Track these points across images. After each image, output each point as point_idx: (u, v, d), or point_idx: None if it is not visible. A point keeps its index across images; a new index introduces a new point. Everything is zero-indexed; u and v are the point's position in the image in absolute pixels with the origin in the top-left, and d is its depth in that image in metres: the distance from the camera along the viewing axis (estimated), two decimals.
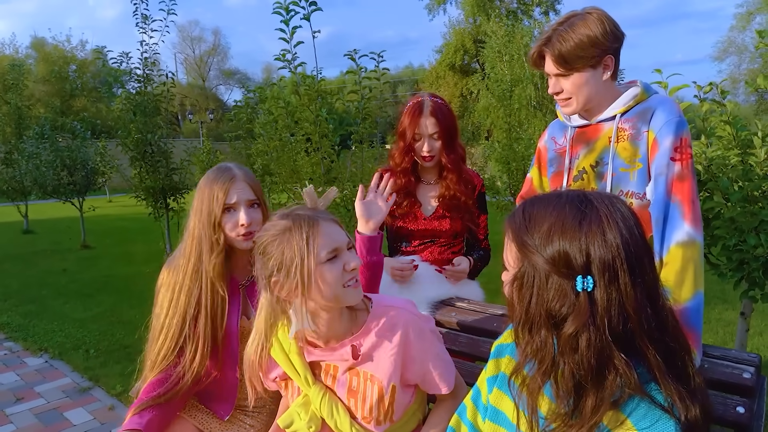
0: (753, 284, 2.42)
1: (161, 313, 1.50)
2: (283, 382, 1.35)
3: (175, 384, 1.46)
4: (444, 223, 1.98)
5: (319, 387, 1.27)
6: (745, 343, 2.87)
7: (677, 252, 1.34)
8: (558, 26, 1.46)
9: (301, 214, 1.18)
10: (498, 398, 1.08)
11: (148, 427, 1.38)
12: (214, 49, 43.25)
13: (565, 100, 1.52)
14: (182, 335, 1.47)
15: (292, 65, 4.17)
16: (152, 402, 1.42)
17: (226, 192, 1.48)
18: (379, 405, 1.23)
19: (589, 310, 0.84)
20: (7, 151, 9.92)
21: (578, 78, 1.46)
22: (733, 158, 2.49)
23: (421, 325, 1.28)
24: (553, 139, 1.71)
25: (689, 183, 1.38)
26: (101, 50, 6.64)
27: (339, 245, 1.18)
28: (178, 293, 1.48)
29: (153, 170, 6.50)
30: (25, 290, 5.95)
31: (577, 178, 1.59)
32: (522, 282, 0.91)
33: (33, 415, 3.06)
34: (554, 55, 1.45)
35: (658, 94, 1.53)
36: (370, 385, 1.24)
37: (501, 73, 8.58)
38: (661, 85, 2.58)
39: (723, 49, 28.69)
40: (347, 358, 1.23)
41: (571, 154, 1.61)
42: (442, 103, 1.95)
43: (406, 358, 1.24)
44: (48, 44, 31.90)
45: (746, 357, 1.25)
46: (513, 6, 28.79)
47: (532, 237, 0.90)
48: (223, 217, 1.48)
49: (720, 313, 4.54)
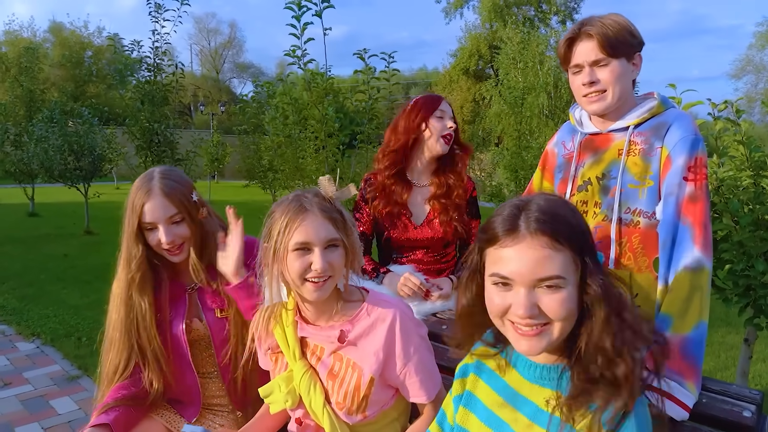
0: (759, 311, 2.34)
1: (108, 327, 1.50)
2: (274, 355, 1.38)
3: (143, 390, 1.45)
4: (435, 230, 1.93)
5: (304, 363, 1.31)
6: (747, 371, 2.79)
7: (684, 278, 1.27)
8: (593, 20, 1.41)
9: (302, 198, 1.23)
10: (464, 417, 1.07)
11: (115, 423, 1.36)
12: (230, 41, 43.42)
13: (598, 93, 1.43)
14: (131, 347, 1.45)
15: (301, 62, 4.12)
16: (118, 403, 1.41)
17: (142, 209, 1.42)
18: (354, 393, 1.25)
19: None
20: (17, 133, 9.96)
21: (617, 67, 1.39)
22: (745, 180, 2.41)
23: (410, 327, 1.28)
24: (562, 144, 1.64)
25: (702, 205, 1.31)
26: (114, 37, 6.64)
27: (312, 241, 1.20)
28: (119, 306, 1.47)
29: (158, 160, 6.49)
30: (25, 273, 5.94)
31: (581, 188, 1.52)
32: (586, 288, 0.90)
33: (19, 401, 3.03)
34: (599, 37, 1.38)
35: (675, 109, 1.46)
36: (350, 372, 1.27)
37: (514, 80, 8.51)
38: (674, 100, 2.51)
39: (740, 67, 28.45)
40: (334, 341, 1.28)
41: (577, 161, 1.55)
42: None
43: (389, 354, 1.25)
44: (66, 29, 32.13)
45: (747, 393, 1.19)
46: (530, 14, 28.66)
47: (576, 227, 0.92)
48: (147, 234, 1.45)
49: (723, 337, 4.44)
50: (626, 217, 1.43)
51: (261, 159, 6.96)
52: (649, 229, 1.41)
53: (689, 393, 1.18)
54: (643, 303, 1.42)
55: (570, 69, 1.46)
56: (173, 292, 1.53)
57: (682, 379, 1.19)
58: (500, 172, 9.38)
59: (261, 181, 8.15)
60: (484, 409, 1.05)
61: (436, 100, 1.93)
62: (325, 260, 1.19)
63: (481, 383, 1.08)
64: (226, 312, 1.51)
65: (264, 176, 7.08)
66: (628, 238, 1.42)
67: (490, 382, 1.06)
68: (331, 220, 1.21)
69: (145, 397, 1.47)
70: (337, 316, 1.29)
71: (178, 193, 1.44)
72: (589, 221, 1.46)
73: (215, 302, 1.52)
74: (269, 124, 5.40)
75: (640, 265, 1.43)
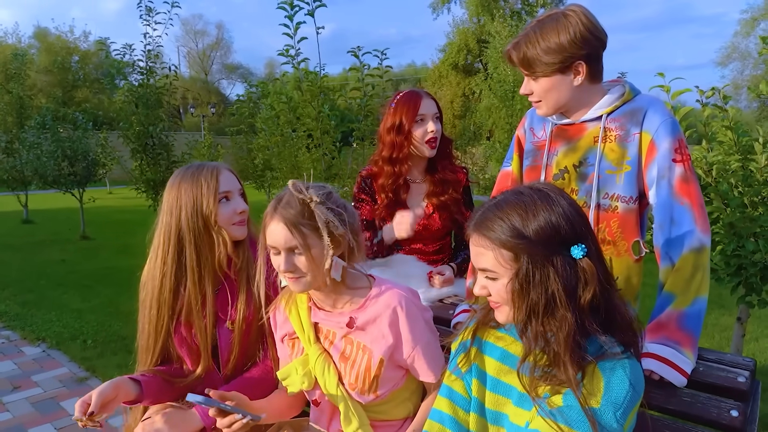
0: (750, 290, 2.43)
1: (143, 320, 1.49)
2: (291, 341, 1.44)
3: (180, 373, 1.48)
4: (433, 222, 1.98)
5: (318, 347, 1.37)
6: (740, 349, 2.88)
7: (689, 258, 1.32)
8: (530, 29, 1.43)
9: (275, 201, 1.31)
10: (480, 390, 1.15)
11: (147, 384, 1.40)
12: (218, 43, 43.22)
13: (535, 103, 1.50)
14: (169, 338, 1.47)
15: (295, 61, 4.16)
16: (156, 371, 1.45)
17: (218, 179, 1.45)
18: (365, 374, 1.31)
19: (594, 270, 0.95)
20: (8, 140, 9.91)
21: (545, 82, 1.43)
22: (734, 164, 2.50)
23: (416, 312, 1.34)
24: (531, 130, 1.66)
25: (694, 185, 1.37)
26: (104, 42, 6.65)
27: (274, 245, 1.28)
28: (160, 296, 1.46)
29: (154, 162, 6.51)
30: (24, 280, 5.95)
31: (557, 177, 1.55)
32: (527, 278, 0.97)
33: (30, 404, 3.07)
34: (519, 57, 1.43)
35: (645, 94, 1.49)
36: (361, 354, 1.33)
37: (504, 74, 8.58)
38: (663, 89, 2.58)
39: (726, 54, 28.66)
40: (343, 327, 1.34)
41: (550, 150, 1.57)
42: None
43: (397, 336, 1.31)
44: (51, 34, 31.80)
45: (741, 361, 1.26)
46: (517, 7, 28.72)
47: (522, 230, 0.97)
48: (219, 208, 1.44)
49: (716, 318, 4.55)
50: (604, 203, 1.47)
51: (254, 159, 6.99)
52: (627, 213, 1.45)
53: (687, 359, 1.25)
54: (624, 285, 1.47)
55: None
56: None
57: (680, 347, 1.26)
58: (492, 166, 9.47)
59: (255, 180, 8.18)
60: (490, 378, 1.13)
61: (415, 103, 1.90)
62: (289, 263, 1.25)
63: (483, 356, 1.16)
64: (234, 326, 1.50)
65: (261, 176, 7.10)
66: (606, 223, 1.47)
67: (492, 353, 1.14)
68: (294, 227, 1.24)
69: (178, 376, 1.48)
70: (346, 303, 1.36)
71: (234, 171, 1.55)
72: None
73: (226, 313, 1.51)
74: (264, 123, 5.44)
75: (620, 249, 1.47)
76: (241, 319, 1.49)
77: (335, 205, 1.30)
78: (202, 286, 1.46)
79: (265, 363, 1.54)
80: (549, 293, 0.95)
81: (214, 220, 1.44)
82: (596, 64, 1.44)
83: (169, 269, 1.45)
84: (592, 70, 1.42)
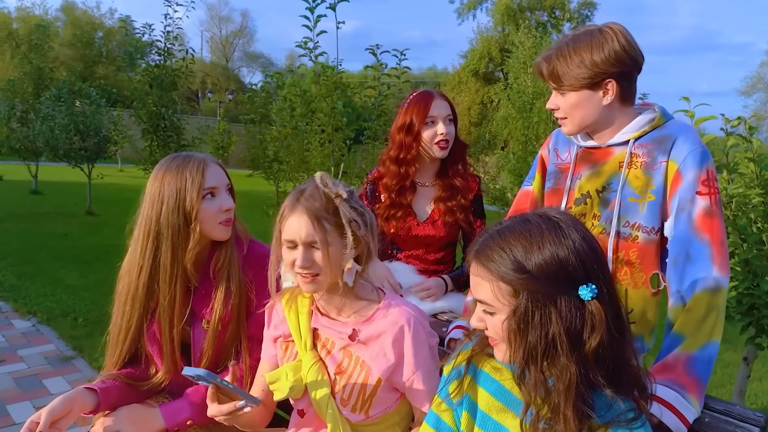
0: (761, 331, 2.32)
1: (117, 313, 1.43)
2: (285, 344, 1.36)
3: (144, 374, 1.40)
4: (438, 229, 1.92)
5: (314, 355, 1.29)
6: (744, 390, 2.78)
7: (702, 298, 1.24)
8: (564, 42, 1.38)
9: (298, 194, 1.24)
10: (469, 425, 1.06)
11: (104, 393, 1.33)
12: (241, 30, 43.36)
13: (561, 120, 1.43)
14: (140, 335, 1.40)
15: (312, 54, 4.10)
16: (116, 376, 1.39)
17: (203, 173, 1.35)
18: (360, 392, 1.24)
19: (603, 315, 0.85)
20: (24, 110, 9.95)
21: (573, 97, 1.37)
22: (755, 198, 2.40)
23: (423, 334, 1.27)
24: (555, 152, 1.60)
25: (718, 221, 1.28)
26: (126, 20, 6.63)
27: (294, 239, 1.21)
28: (135, 291, 1.39)
29: (164, 144, 6.49)
30: (24, 251, 5.94)
31: (579, 201, 1.48)
32: (525, 317, 0.87)
33: (12, 378, 3.02)
34: (549, 69, 1.38)
35: (677, 120, 1.42)
36: (359, 369, 1.25)
37: (524, 85, 8.46)
38: (687, 114, 2.48)
39: (751, 84, 28.35)
40: (345, 338, 1.26)
41: (574, 173, 1.51)
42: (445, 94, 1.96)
43: (399, 356, 1.24)
44: (78, 9, 32.12)
45: (751, 415, 1.17)
46: (543, 19, 28.59)
47: (524, 264, 0.87)
48: (203, 205, 1.35)
49: (720, 354, 4.40)
50: (624, 231, 1.40)
51: (266, 149, 6.95)
52: (648, 244, 1.38)
53: (691, 407, 1.16)
54: (639, 319, 1.40)
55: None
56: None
57: (686, 392, 1.17)
58: (504, 176, 9.36)
59: (265, 171, 8.14)
60: (481, 414, 1.04)
61: (425, 104, 1.86)
62: (307, 258, 1.17)
63: (477, 388, 1.06)
64: (209, 326, 1.42)
65: (269, 167, 7.06)
66: (625, 252, 1.40)
67: (487, 385, 1.05)
68: (317, 220, 1.17)
69: (142, 380, 1.44)
70: (352, 313, 1.28)
71: (223, 167, 1.46)
72: None
73: (203, 312, 1.44)
74: (277, 114, 5.38)
75: (636, 280, 1.40)
76: (217, 319, 1.41)
77: (358, 205, 1.23)
78: (173, 285, 1.38)
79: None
80: (549, 336, 0.85)
81: (195, 217, 1.35)
82: (628, 85, 1.37)
83: (145, 264, 1.37)
84: (623, 91, 1.36)
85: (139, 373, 1.45)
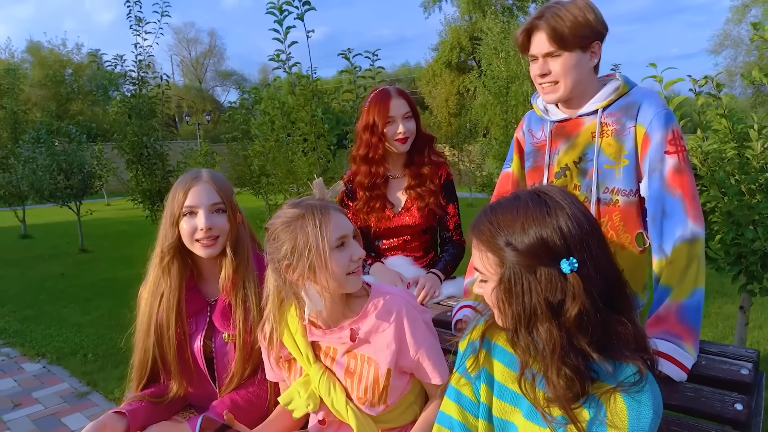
0: (751, 278, 2.41)
1: (136, 330, 1.50)
2: (286, 363, 1.40)
3: (164, 390, 1.45)
4: (414, 216, 1.99)
5: (319, 366, 1.33)
6: (744, 337, 2.86)
7: (681, 250, 1.31)
8: (552, 7, 1.41)
9: (312, 203, 1.26)
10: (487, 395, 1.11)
11: (132, 414, 1.38)
12: (210, 50, 43.15)
13: (551, 85, 1.46)
14: (153, 346, 1.45)
15: (286, 65, 4.15)
16: (139, 398, 1.44)
17: (186, 193, 1.42)
18: (374, 387, 1.28)
19: (582, 286, 0.90)
20: (4, 155, 9.87)
21: (568, 59, 1.41)
22: (730, 151, 2.48)
23: (416, 314, 1.33)
24: (530, 132, 1.66)
25: (687, 177, 1.35)
26: (96, 54, 6.63)
27: (347, 233, 1.26)
28: (146, 302, 1.47)
29: (149, 173, 6.48)
30: (23, 295, 5.93)
31: (559, 174, 1.55)
32: (509, 286, 0.94)
33: (30, 421, 3.04)
34: (548, 30, 1.39)
35: (640, 87, 1.49)
36: (366, 367, 1.29)
37: (497, 70, 8.55)
38: (656, 79, 2.56)
39: (719, 42, 28.62)
40: (345, 341, 1.30)
41: (551, 149, 1.57)
42: (403, 89, 2.02)
43: (401, 342, 1.29)
44: (44, 48, 31.75)
45: (744, 353, 1.24)
46: (508, 2, 28.73)
47: (508, 238, 0.94)
48: (182, 220, 1.42)
49: (719, 307, 4.53)
50: (605, 197, 1.47)
51: (251, 165, 6.96)
52: (628, 206, 1.45)
53: (687, 354, 1.23)
54: (630, 277, 1.46)
55: (528, 57, 1.49)
56: (196, 306, 1.50)
57: (680, 341, 1.24)
58: (489, 162, 9.45)
59: (253, 187, 8.15)
60: (498, 385, 1.10)
61: (384, 104, 1.92)
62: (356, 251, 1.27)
63: (492, 360, 1.11)
64: (232, 337, 1.47)
65: (257, 182, 7.08)
66: (608, 216, 1.47)
67: (502, 357, 1.10)
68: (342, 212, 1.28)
69: (164, 395, 1.49)
70: (345, 316, 1.33)
71: (223, 186, 1.47)
72: None
73: (224, 325, 1.49)
74: (258, 129, 5.42)
75: (623, 241, 1.48)
76: (241, 331, 1.46)
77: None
78: (175, 300, 1.44)
79: (262, 384, 1.51)
80: (530, 305, 0.92)
81: (177, 233, 1.43)
82: (600, 52, 1.45)
83: (152, 278, 1.46)
84: (599, 55, 1.43)
85: (161, 390, 1.50)
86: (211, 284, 1.53)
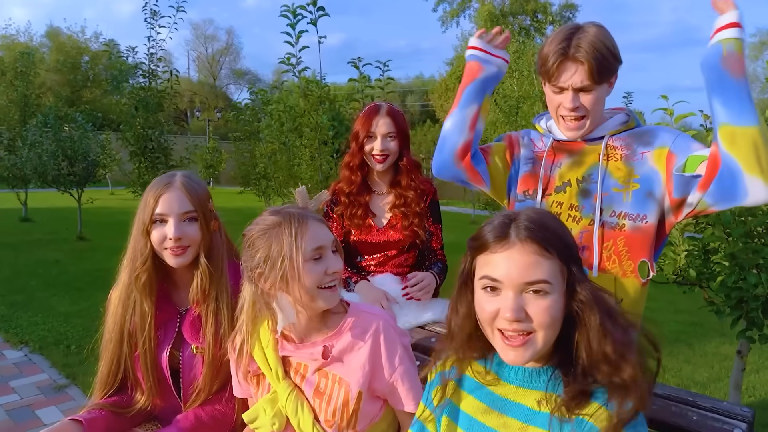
0: (751, 324, 2.33)
1: (104, 335, 1.44)
2: (255, 378, 1.34)
3: (128, 401, 1.39)
4: (398, 232, 1.96)
5: (288, 383, 1.27)
6: (740, 382, 2.78)
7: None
8: (578, 36, 1.33)
9: (291, 212, 1.21)
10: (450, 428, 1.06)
11: (90, 424, 1.33)
12: (227, 48, 43.46)
13: (578, 119, 1.39)
14: (122, 355, 1.40)
15: (296, 69, 4.13)
16: (101, 406, 1.38)
17: (157, 200, 1.36)
18: (343, 409, 1.23)
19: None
20: (11, 137, 9.90)
21: (598, 93, 1.36)
22: None
23: (394, 336, 1.28)
24: (531, 140, 1.61)
25: None
26: (110, 44, 6.65)
27: (324, 244, 1.21)
28: (115, 311, 1.41)
29: (152, 166, 6.48)
30: (15, 279, 5.88)
31: (559, 189, 1.50)
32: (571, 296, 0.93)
33: (4, 411, 2.98)
34: (591, 65, 1.31)
35: (647, 125, 1.50)
36: (337, 387, 1.24)
37: (509, 89, 8.54)
38: (666, 111, 2.51)
39: None
40: (317, 358, 1.25)
41: (553, 161, 1.52)
42: (398, 109, 2.00)
43: (376, 363, 1.24)
44: (63, 34, 32.07)
45: (738, 411, 1.17)
46: (526, 23, 28.87)
47: (567, 239, 0.95)
48: (153, 228, 1.37)
49: (716, 347, 4.43)
50: (611, 221, 1.42)
51: (256, 166, 6.96)
52: (635, 232, 1.40)
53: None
54: (629, 308, 1.40)
55: (551, 84, 1.40)
56: (165, 315, 1.45)
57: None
58: None
59: (255, 188, 8.14)
60: (466, 417, 1.04)
61: (369, 119, 1.92)
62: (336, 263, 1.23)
63: (461, 392, 1.06)
64: (201, 350, 1.41)
65: (258, 183, 7.07)
66: (612, 241, 1.41)
67: (472, 390, 1.05)
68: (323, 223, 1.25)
69: (128, 407, 1.43)
70: (320, 332, 1.27)
71: (196, 193, 1.40)
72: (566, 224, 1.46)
73: (193, 337, 1.43)
74: (264, 131, 5.40)
75: (625, 269, 1.41)
76: (211, 345, 1.40)
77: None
78: (144, 309, 1.38)
79: (230, 401, 1.44)
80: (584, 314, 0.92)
81: (147, 241, 1.38)
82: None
83: (122, 283, 1.40)
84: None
85: (125, 401, 1.44)
86: (182, 293, 1.47)
